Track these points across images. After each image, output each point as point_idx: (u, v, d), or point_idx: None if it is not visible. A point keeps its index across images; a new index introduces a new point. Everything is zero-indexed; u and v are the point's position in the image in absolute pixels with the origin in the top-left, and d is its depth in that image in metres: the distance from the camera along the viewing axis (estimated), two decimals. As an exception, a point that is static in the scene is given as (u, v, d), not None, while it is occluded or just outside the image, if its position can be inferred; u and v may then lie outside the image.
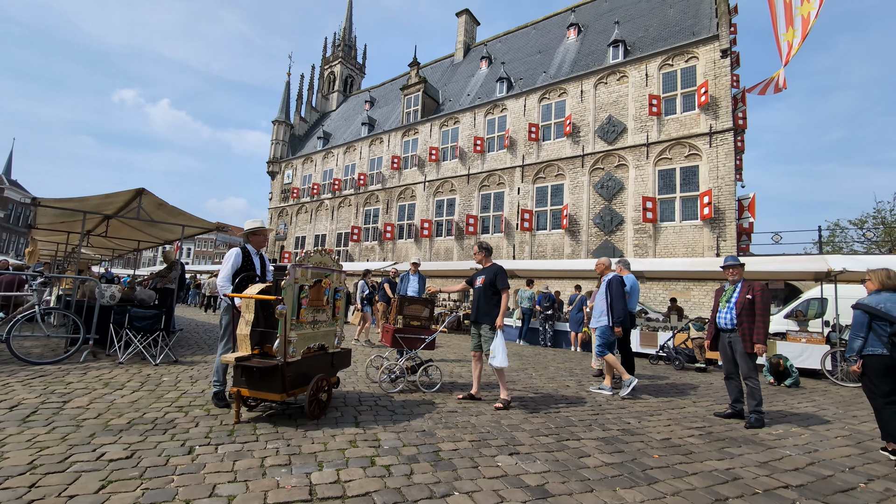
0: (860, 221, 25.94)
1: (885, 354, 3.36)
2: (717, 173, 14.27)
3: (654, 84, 16.23)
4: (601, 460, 2.96)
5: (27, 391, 3.85)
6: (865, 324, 3.48)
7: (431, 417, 3.77)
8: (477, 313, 4.59)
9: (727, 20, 14.98)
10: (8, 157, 42.41)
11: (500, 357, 4.21)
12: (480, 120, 21.14)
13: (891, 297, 3.47)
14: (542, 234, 18.04)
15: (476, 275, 4.75)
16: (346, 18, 38.80)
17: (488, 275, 4.57)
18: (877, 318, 3.43)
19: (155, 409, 3.54)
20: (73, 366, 5.09)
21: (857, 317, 3.54)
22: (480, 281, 4.58)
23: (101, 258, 17.39)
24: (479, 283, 4.61)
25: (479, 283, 4.59)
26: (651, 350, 9.09)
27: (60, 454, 2.54)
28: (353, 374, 5.54)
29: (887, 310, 3.40)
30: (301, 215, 29.35)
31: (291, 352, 3.36)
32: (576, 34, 21.29)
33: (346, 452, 2.82)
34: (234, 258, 3.89)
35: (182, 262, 7.94)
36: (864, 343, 3.47)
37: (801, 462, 3.16)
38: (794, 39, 12.25)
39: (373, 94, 32.39)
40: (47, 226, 8.37)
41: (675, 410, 4.66)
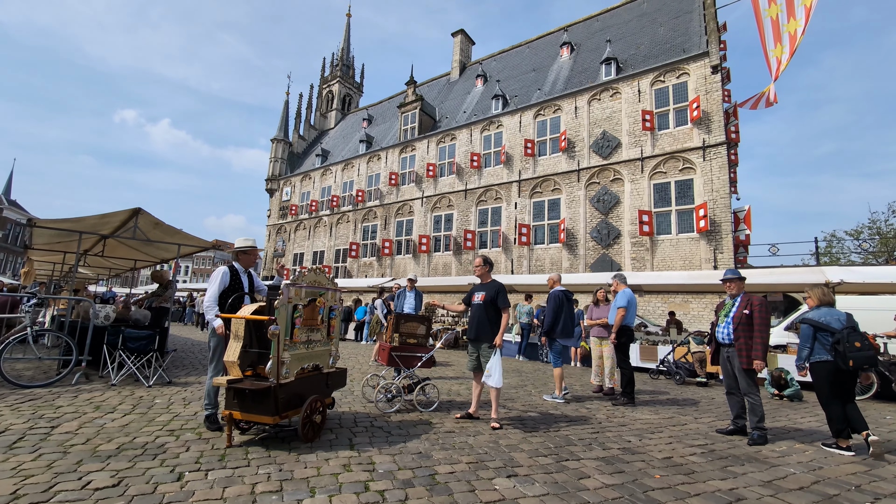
0: (856, 232, 26.12)
1: (829, 360, 3.93)
2: (711, 186, 14.39)
3: (646, 100, 16.49)
4: (601, 481, 2.89)
5: (15, 416, 3.77)
6: (811, 335, 4.03)
7: (428, 438, 3.69)
8: (476, 331, 4.45)
9: (716, 37, 15.33)
10: (8, 178, 42.66)
11: (496, 377, 4.09)
12: (477, 136, 21.39)
13: (829, 311, 4.08)
14: (540, 249, 18.06)
15: (474, 290, 4.60)
16: (344, 39, 39.59)
17: (489, 292, 4.43)
18: (820, 329, 3.99)
19: (145, 434, 3.47)
20: (65, 388, 5.00)
21: (804, 330, 4.10)
22: (480, 297, 4.44)
23: (98, 277, 17.31)
24: (478, 299, 4.46)
25: (479, 300, 4.45)
26: (651, 364, 9.00)
27: (45, 483, 2.47)
28: (350, 394, 5.46)
29: (827, 322, 3.98)
30: (299, 232, 29.39)
31: (285, 373, 3.31)
32: (569, 52, 21.73)
33: (340, 477, 2.75)
34: (220, 277, 3.84)
35: (174, 281, 7.90)
36: (810, 352, 4.04)
37: (806, 480, 3.10)
38: (782, 56, 12.52)
39: (370, 112, 32.82)
40: (44, 246, 8.35)
41: (677, 427, 4.58)
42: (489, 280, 4.61)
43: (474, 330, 4.46)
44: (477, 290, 4.56)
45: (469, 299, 4.62)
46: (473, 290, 4.61)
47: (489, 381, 4.08)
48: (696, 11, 17.76)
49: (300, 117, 35.04)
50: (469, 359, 4.56)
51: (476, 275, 4.64)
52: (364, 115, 32.49)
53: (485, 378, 4.12)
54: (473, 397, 4.53)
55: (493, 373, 4.11)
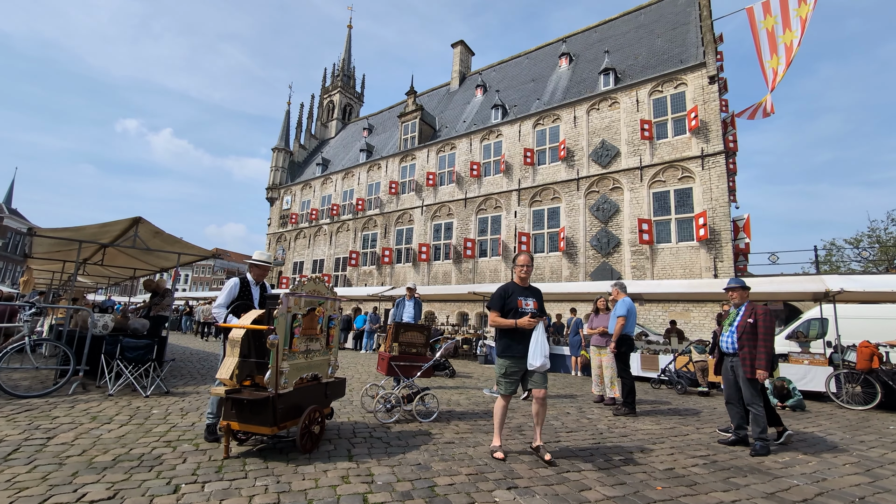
0: (856, 240, 26.15)
1: None
2: (710, 195, 14.44)
3: (645, 109, 16.63)
4: (602, 493, 2.86)
5: (11, 427, 3.74)
6: None
7: (427, 449, 3.66)
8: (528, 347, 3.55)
9: (713, 48, 15.51)
10: (9, 187, 42.81)
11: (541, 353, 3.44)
12: (476, 145, 21.52)
13: None
14: (540, 257, 18.06)
15: (518, 295, 3.68)
16: (345, 50, 40.06)
17: (539, 299, 3.70)
18: None
19: (142, 445, 3.43)
20: (62, 399, 4.97)
21: None
22: (533, 305, 3.62)
23: (97, 286, 17.29)
24: (529, 306, 3.61)
25: (532, 307, 3.62)
26: (652, 374, 8.94)
27: (40, 495, 2.44)
28: (349, 404, 5.42)
29: None
30: (299, 240, 29.42)
31: (283, 383, 3.28)
32: (567, 63, 21.97)
33: (338, 489, 2.71)
34: (231, 288, 3.89)
35: (171, 290, 7.89)
36: None
37: (810, 492, 3.06)
38: (778, 66, 12.67)
39: (371, 122, 33.07)
40: (43, 255, 8.35)
41: (679, 438, 4.54)
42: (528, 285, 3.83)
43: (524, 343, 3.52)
44: (522, 294, 3.70)
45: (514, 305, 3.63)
46: (515, 294, 3.69)
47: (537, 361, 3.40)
48: (692, 23, 17.99)
49: (301, 127, 35.31)
50: (505, 382, 3.60)
51: (520, 276, 3.78)
52: (364, 125, 32.75)
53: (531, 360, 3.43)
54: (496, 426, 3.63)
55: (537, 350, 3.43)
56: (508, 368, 3.56)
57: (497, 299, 3.73)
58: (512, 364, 3.55)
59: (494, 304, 3.72)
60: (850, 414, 6.43)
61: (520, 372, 3.53)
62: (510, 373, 3.57)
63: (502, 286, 3.78)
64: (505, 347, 3.59)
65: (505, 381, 3.60)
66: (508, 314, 3.61)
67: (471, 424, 4.68)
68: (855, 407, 6.83)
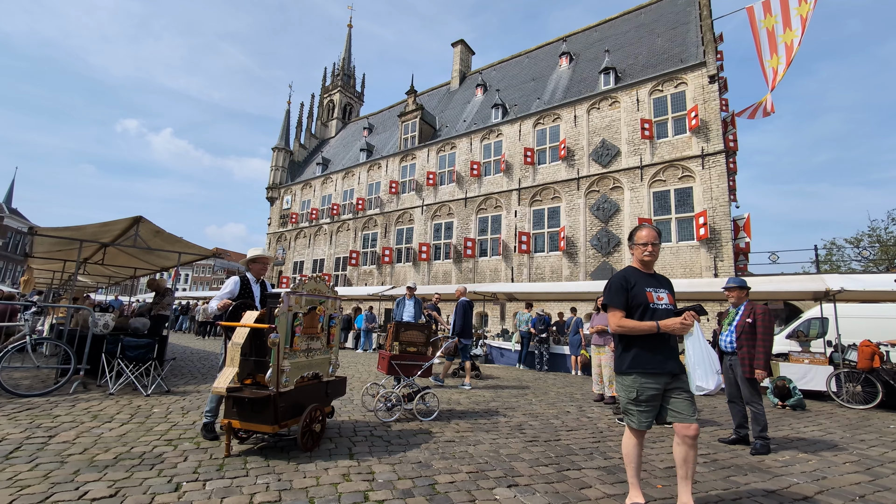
0: (856, 240, 26.15)
1: None
2: (710, 194, 14.44)
3: (645, 109, 16.62)
4: (603, 491, 2.86)
5: (12, 425, 3.74)
6: None
7: (428, 448, 3.66)
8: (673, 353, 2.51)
9: (713, 48, 15.50)
10: (9, 186, 42.81)
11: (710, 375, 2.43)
12: (477, 145, 21.52)
13: None
14: (540, 257, 18.06)
15: (641, 283, 2.60)
16: (346, 49, 40.04)
17: (672, 291, 2.68)
18: None
19: (143, 443, 3.44)
20: (63, 398, 4.97)
21: None
22: (668, 299, 2.59)
23: (98, 286, 17.30)
24: (664, 301, 2.57)
25: (667, 303, 2.58)
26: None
27: (41, 493, 2.44)
28: (349, 403, 5.43)
29: None
30: (300, 240, 29.42)
31: (284, 381, 3.29)
32: (568, 62, 21.95)
33: (339, 487, 2.72)
34: (231, 286, 3.88)
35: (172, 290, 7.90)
36: None
37: (810, 491, 3.06)
38: (779, 66, 12.66)
39: (371, 121, 33.06)
40: (44, 254, 8.36)
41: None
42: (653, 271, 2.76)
43: (670, 351, 2.50)
44: (649, 284, 2.60)
45: (641, 302, 2.53)
46: (640, 284, 2.58)
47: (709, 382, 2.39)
48: (692, 22, 17.98)
49: (301, 126, 35.29)
50: (638, 411, 2.47)
51: (642, 259, 2.69)
52: (364, 124, 32.74)
53: (698, 380, 2.40)
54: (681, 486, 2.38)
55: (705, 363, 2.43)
56: (643, 390, 2.43)
57: (616, 292, 2.58)
58: (649, 383, 2.42)
59: (614, 298, 2.58)
60: (851, 413, 6.44)
61: (659, 394, 2.43)
62: (648, 396, 2.42)
63: (618, 274, 2.69)
64: (635, 359, 2.47)
65: (638, 411, 2.46)
66: (634, 312, 2.53)
67: (471, 423, 4.68)
68: (855, 406, 6.83)
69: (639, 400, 2.46)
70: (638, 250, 2.72)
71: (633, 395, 2.47)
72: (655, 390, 2.44)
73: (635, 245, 2.74)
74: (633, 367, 2.49)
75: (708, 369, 2.38)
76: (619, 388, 2.58)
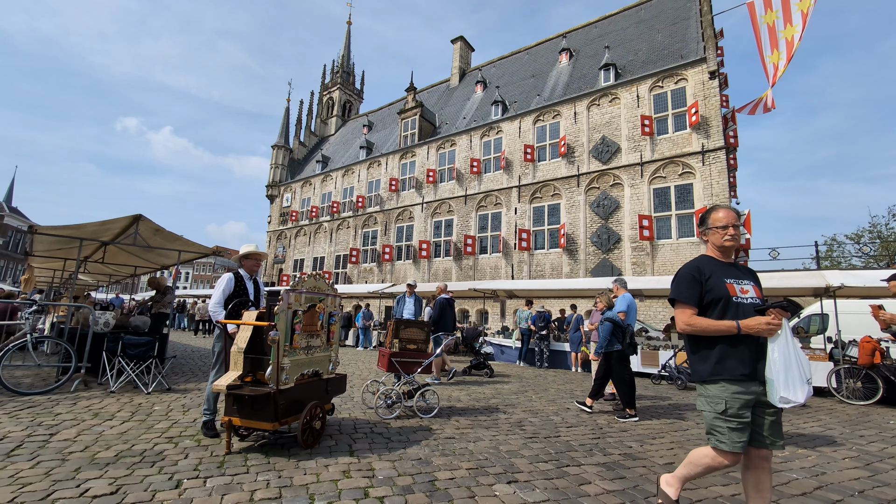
0: (856, 236, 26.11)
1: (620, 349, 5.29)
2: (711, 191, 14.42)
3: (645, 105, 16.58)
4: (602, 487, 2.87)
5: (13, 423, 3.76)
6: (611, 330, 5.31)
7: (428, 445, 3.67)
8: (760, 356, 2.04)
9: (713, 43, 15.44)
10: (10, 185, 42.78)
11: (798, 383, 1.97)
12: (476, 142, 21.48)
13: (613, 312, 5.47)
14: (541, 254, 18.06)
15: (719, 274, 2.18)
16: (345, 46, 39.91)
17: (758, 282, 2.25)
18: (618, 326, 5.31)
19: (144, 441, 3.45)
20: (64, 396, 4.99)
21: (607, 326, 5.34)
22: (754, 292, 2.17)
23: (98, 284, 17.32)
24: (749, 295, 2.15)
25: (754, 296, 2.15)
26: (653, 370, 8.96)
27: (43, 490, 2.45)
28: (349, 400, 5.44)
29: (619, 321, 5.34)
30: (300, 238, 29.42)
31: (284, 379, 3.30)
32: (567, 58, 21.88)
33: (339, 484, 2.73)
34: (225, 283, 3.86)
35: (172, 288, 7.91)
36: (608, 342, 5.30)
37: (809, 486, 3.07)
38: (779, 62, 12.60)
39: (371, 119, 32.99)
40: (44, 253, 8.37)
41: (678, 433, 4.55)
42: None
43: (759, 352, 2.05)
44: (730, 275, 2.19)
45: (721, 296, 2.11)
46: (718, 276, 2.17)
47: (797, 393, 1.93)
48: (692, 18, 17.91)
49: (301, 124, 35.23)
50: (729, 428, 2.01)
51: (721, 245, 2.25)
52: (364, 122, 32.67)
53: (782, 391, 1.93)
54: None
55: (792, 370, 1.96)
56: (733, 401, 2.00)
57: (687, 285, 2.18)
58: (739, 393, 2.00)
59: (683, 292, 2.18)
60: (851, 409, 6.45)
61: (750, 406, 2.01)
62: (740, 406, 1.99)
63: (689, 265, 2.25)
64: (720, 363, 2.06)
65: (728, 428, 2.00)
66: (711, 309, 2.13)
67: (471, 420, 4.69)
68: (855, 402, 6.84)
69: (728, 413, 2.00)
70: (716, 235, 2.26)
71: (720, 406, 2.02)
72: (747, 399, 2.00)
73: (711, 229, 2.28)
74: (716, 373, 2.05)
75: (796, 378, 1.95)
76: (702, 402, 2.13)
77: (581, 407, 5.50)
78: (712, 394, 2.08)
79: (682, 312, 2.18)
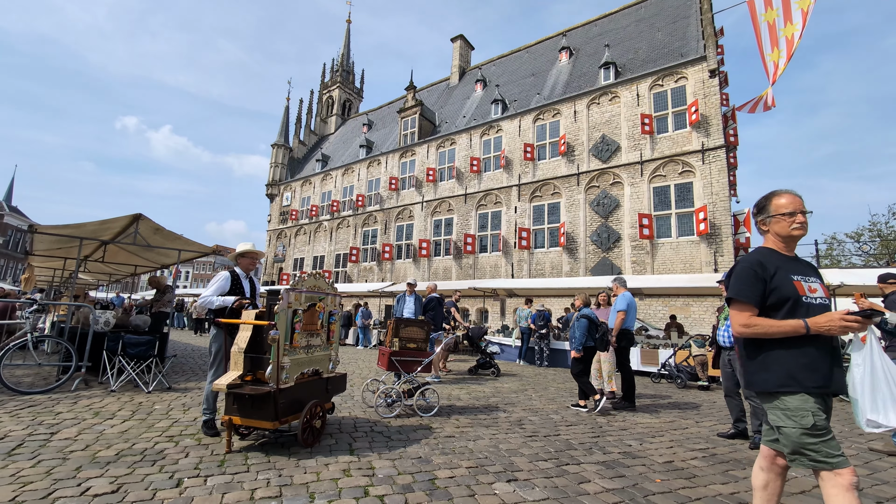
0: (856, 234, 26.10)
1: (592, 345, 5.50)
2: (711, 189, 14.41)
3: (645, 104, 16.56)
4: (602, 486, 2.88)
5: (14, 422, 3.76)
6: (586, 326, 5.47)
7: (428, 443, 3.68)
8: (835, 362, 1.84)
9: (714, 42, 15.41)
10: (9, 184, 42.75)
11: None
12: (476, 141, 21.46)
13: (590, 310, 5.70)
14: (540, 253, 18.05)
15: (785, 269, 1.92)
16: (344, 45, 39.84)
17: (821, 279, 2.00)
18: (592, 323, 5.51)
19: (144, 440, 3.46)
20: (64, 395, 5.00)
21: (584, 323, 5.49)
22: (822, 291, 1.93)
23: (98, 283, 17.33)
24: (818, 295, 1.90)
25: (822, 296, 1.91)
26: (653, 368, 8.97)
27: (44, 489, 2.46)
28: (350, 399, 5.45)
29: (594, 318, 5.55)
30: (300, 237, 29.42)
31: (285, 378, 3.30)
32: (567, 57, 21.84)
33: (340, 482, 2.74)
34: (220, 281, 3.85)
35: (172, 287, 7.91)
36: (585, 339, 5.45)
37: (808, 484, 3.08)
38: (779, 60, 12.58)
39: (370, 117, 32.94)
40: (44, 252, 8.37)
41: (678, 431, 4.56)
42: None
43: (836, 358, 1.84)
44: (796, 271, 1.93)
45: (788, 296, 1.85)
46: (784, 271, 1.91)
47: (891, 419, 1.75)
48: (693, 16, 17.87)
49: (300, 123, 35.18)
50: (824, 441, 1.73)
51: (788, 234, 1.96)
52: (364, 121, 32.62)
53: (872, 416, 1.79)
54: None
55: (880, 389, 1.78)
56: (818, 413, 1.74)
57: (747, 282, 1.91)
58: (819, 407, 1.76)
59: (743, 290, 1.90)
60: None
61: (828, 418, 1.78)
62: (824, 422, 1.74)
63: (749, 258, 1.98)
64: (792, 373, 1.78)
65: (822, 442, 1.72)
66: (776, 310, 1.86)
67: (471, 419, 4.70)
68: (854, 400, 6.85)
69: (819, 426, 1.71)
70: (780, 223, 1.94)
71: (807, 420, 1.72)
72: (825, 409, 1.76)
73: (775, 217, 1.96)
74: (787, 384, 1.77)
75: (886, 397, 1.69)
76: (780, 417, 1.77)
77: (577, 409, 5.50)
78: (793, 406, 1.76)
79: (739, 313, 1.90)
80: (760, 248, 2.03)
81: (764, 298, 1.88)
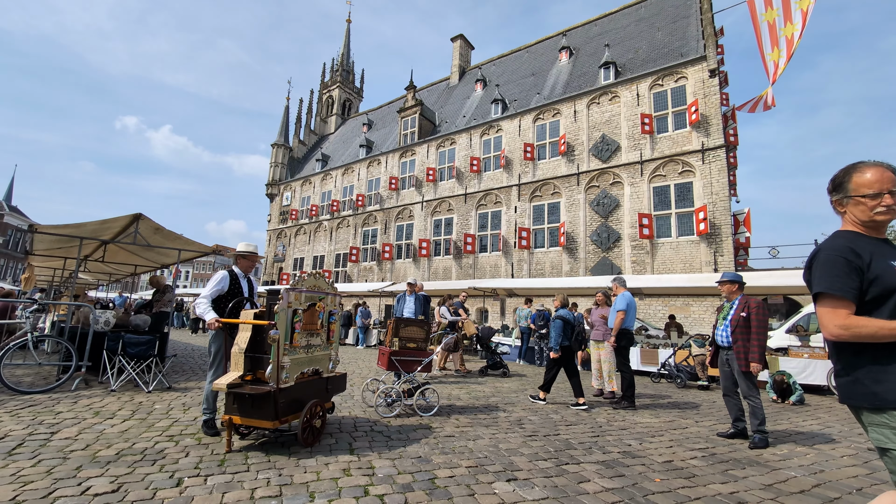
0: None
1: (568, 344, 5.68)
2: (711, 189, 14.41)
3: (645, 103, 16.55)
4: (601, 485, 2.88)
5: (15, 422, 3.77)
6: (562, 327, 5.63)
7: (428, 443, 3.69)
8: None
9: (714, 41, 15.41)
10: (9, 184, 42.75)
11: None
12: (476, 140, 21.45)
13: (567, 311, 5.83)
14: (540, 252, 18.06)
15: (883, 256, 1.53)
16: (344, 44, 39.82)
17: None
18: (567, 323, 5.65)
19: (145, 439, 3.46)
20: (65, 394, 5.00)
21: (559, 324, 5.65)
22: None
23: (98, 283, 17.33)
24: None
25: None
26: (652, 368, 8.98)
27: (45, 489, 2.46)
28: (350, 399, 5.45)
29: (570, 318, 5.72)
30: (300, 237, 29.42)
31: (285, 377, 3.31)
32: (567, 56, 21.84)
33: (339, 482, 2.74)
34: (219, 281, 3.86)
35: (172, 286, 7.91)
36: (562, 339, 5.61)
37: (807, 484, 3.09)
38: (779, 59, 12.59)
39: (370, 117, 32.93)
40: (44, 252, 8.37)
41: (678, 431, 4.57)
42: None
43: None
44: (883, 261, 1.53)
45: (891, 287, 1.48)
46: (883, 258, 1.53)
47: None
48: (693, 16, 17.87)
49: (300, 122, 35.17)
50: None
51: (877, 216, 1.57)
52: (364, 120, 32.61)
53: None
54: None
55: None
56: None
57: (840, 273, 1.55)
58: None
59: (836, 282, 1.54)
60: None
61: None
62: None
63: (839, 245, 1.60)
64: None
65: None
66: (879, 305, 1.51)
67: (471, 418, 4.71)
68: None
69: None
70: (860, 207, 1.59)
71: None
72: None
73: (858, 198, 1.59)
74: None
75: None
76: (892, 438, 1.43)
77: (577, 409, 5.51)
78: None
79: (832, 312, 1.52)
80: (843, 232, 1.64)
81: (862, 292, 1.51)
